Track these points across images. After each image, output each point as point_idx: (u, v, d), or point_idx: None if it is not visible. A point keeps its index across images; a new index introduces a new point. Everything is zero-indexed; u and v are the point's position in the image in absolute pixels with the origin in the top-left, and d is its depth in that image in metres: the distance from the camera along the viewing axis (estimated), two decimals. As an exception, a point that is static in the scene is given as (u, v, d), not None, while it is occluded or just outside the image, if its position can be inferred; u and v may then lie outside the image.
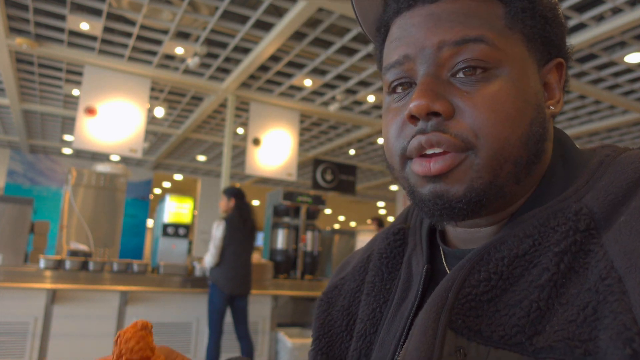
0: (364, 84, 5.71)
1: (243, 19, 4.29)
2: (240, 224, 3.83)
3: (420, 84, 0.46)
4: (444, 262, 0.54)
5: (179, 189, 13.00)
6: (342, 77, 5.54)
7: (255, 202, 14.43)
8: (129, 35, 4.68)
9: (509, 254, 0.43)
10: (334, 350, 0.59)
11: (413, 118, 0.47)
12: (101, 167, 5.51)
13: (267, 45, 4.50)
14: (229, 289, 3.68)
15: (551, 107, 0.49)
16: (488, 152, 0.45)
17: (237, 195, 3.96)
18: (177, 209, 5.98)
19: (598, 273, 0.38)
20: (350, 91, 5.94)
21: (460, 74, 0.46)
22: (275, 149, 6.08)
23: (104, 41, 4.81)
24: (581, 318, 0.36)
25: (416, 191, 0.49)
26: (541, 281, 0.40)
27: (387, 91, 0.53)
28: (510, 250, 0.43)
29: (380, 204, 15.67)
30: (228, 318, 3.88)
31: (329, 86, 5.82)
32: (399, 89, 0.51)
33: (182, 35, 4.70)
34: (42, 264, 3.61)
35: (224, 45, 4.80)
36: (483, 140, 0.45)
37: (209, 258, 3.80)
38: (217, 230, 3.83)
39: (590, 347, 0.35)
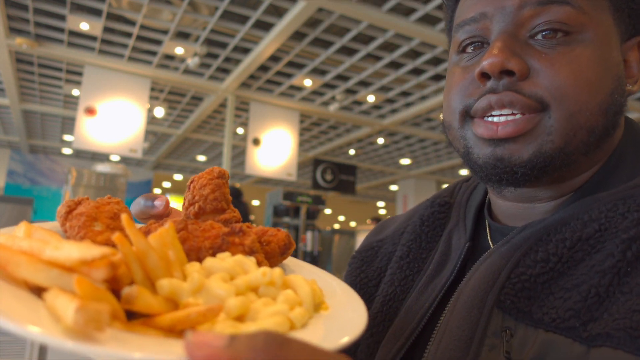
0: (364, 84, 5.71)
1: (243, 19, 4.29)
2: None
3: (496, 41, 0.45)
4: (489, 238, 0.53)
5: (179, 189, 12.99)
6: (342, 77, 5.54)
7: (255, 202, 14.44)
8: (129, 35, 4.68)
9: (571, 236, 0.42)
10: None
11: (484, 76, 0.45)
12: (101, 167, 5.51)
13: (267, 45, 4.50)
14: None
15: (629, 85, 0.48)
16: (564, 113, 0.43)
17: (234, 194, 3.96)
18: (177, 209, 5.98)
19: None
20: (350, 91, 5.94)
21: (540, 36, 0.44)
22: (275, 149, 6.08)
23: (103, 41, 4.81)
24: None
25: (472, 153, 0.48)
26: (604, 267, 0.39)
27: (456, 50, 0.51)
28: (574, 233, 0.42)
29: (380, 204, 15.68)
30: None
31: (329, 86, 5.82)
32: (470, 48, 0.49)
33: (182, 36, 4.70)
34: (42, 264, 3.62)
35: (224, 45, 4.81)
36: (560, 101, 0.43)
37: None
38: None
39: None
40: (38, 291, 0.34)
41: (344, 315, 0.39)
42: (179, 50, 4.89)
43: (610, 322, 0.36)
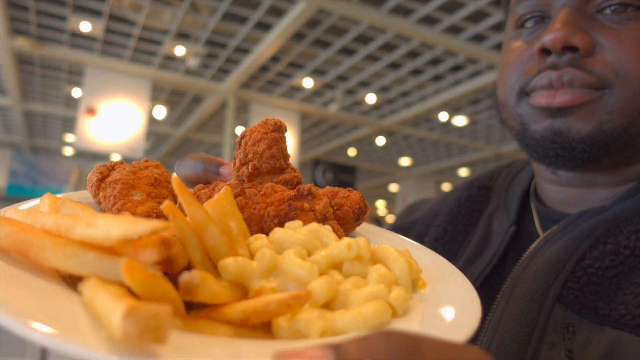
0: (363, 84, 5.73)
1: (243, 20, 4.31)
2: None
3: (561, 15, 0.42)
4: (537, 224, 0.50)
5: (179, 189, 13.00)
6: (341, 78, 5.56)
7: (256, 202, 14.46)
8: (129, 36, 4.71)
9: None
10: None
11: (544, 52, 0.43)
12: (102, 167, 5.53)
13: (267, 46, 4.52)
14: None
15: None
16: (629, 92, 0.40)
17: None
18: (177, 209, 6.00)
19: None
20: (350, 92, 5.96)
21: (609, 11, 0.42)
22: (275, 149, 6.10)
23: (105, 42, 4.84)
24: None
25: (529, 129, 0.45)
26: None
27: (515, 25, 0.49)
28: None
29: (381, 204, 15.68)
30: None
31: (329, 87, 5.84)
32: (529, 24, 0.47)
33: (183, 36, 4.72)
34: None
35: (224, 46, 4.83)
36: (625, 79, 0.40)
37: None
38: None
39: None
40: (72, 280, 0.26)
41: (450, 294, 0.32)
42: (179, 51, 4.91)
43: None
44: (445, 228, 0.56)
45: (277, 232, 0.32)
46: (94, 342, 0.20)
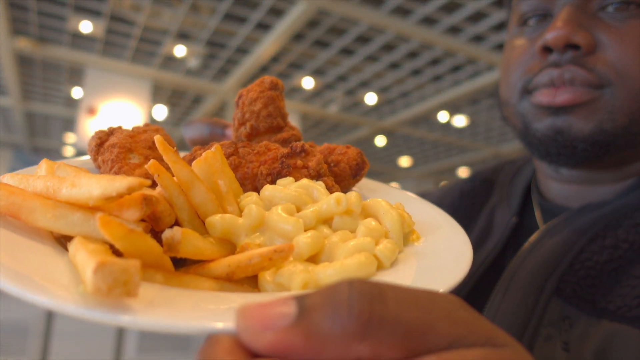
0: (363, 84, 5.74)
1: (244, 20, 4.32)
2: None
3: (562, 13, 0.42)
4: (538, 217, 0.50)
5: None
6: (341, 78, 5.57)
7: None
8: (130, 36, 4.72)
9: None
10: None
11: (546, 50, 0.43)
12: (103, 168, 5.54)
13: (268, 46, 4.53)
14: None
15: None
16: (629, 92, 0.40)
17: None
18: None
19: None
20: (350, 92, 5.97)
21: (611, 8, 0.42)
22: (275, 150, 6.11)
23: (105, 42, 4.85)
24: None
25: (531, 128, 0.45)
26: None
27: (517, 23, 0.49)
28: None
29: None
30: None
31: (329, 87, 5.85)
32: (532, 21, 0.47)
33: (183, 37, 4.73)
34: (44, 263, 3.64)
35: (224, 47, 4.84)
36: (625, 78, 0.40)
37: None
38: None
39: None
40: (66, 240, 0.27)
41: (442, 247, 0.31)
42: (180, 52, 4.92)
43: None
44: None
45: (267, 188, 0.32)
46: (66, 295, 0.20)
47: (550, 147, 0.43)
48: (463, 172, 9.83)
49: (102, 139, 0.38)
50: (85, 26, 4.41)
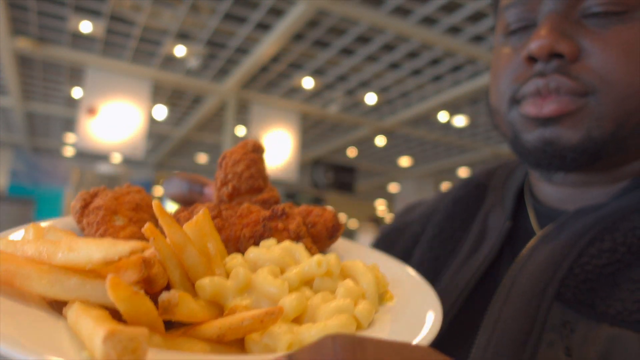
0: (363, 84, 5.74)
1: (244, 21, 4.32)
2: None
3: (545, 21, 0.42)
4: (533, 221, 0.50)
5: (180, 189, 13.02)
6: (341, 78, 5.57)
7: (256, 202, 14.45)
8: (130, 36, 4.72)
9: None
10: None
11: (531, 59, 0.43)
12: (103, 167, 5.55)
13: (268, 46, 4.53)
14: None
15: None
16: (614, 98, 0.40)
17: None
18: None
19: None
20: (350, 92, 5.97)
21: (593, 15, 0.42)
22: (275, 150, 6.11)
23: (105, 42, 4.85)
24: None
25: (521, 138, 0.45)
26: None
27: (504, 31, 0.49)
28: None
29: (380, 204, 15.70)
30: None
31: (329, 87, 5.85)
32: (517, 30, 0.47)
33: (184, 37, 4.74)
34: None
35: (224, 47, 4.84)
36: (609, 85, 0.40)
37: None
38: None
39: None
40: (58, 305, 0.27)
41: (414, 306, 0.33)
42: (180, 52, 4.93)
43: None
44: (442, 226, 0.56)
45: (251, 251, 0.34)
46: None
47: (540, 157, 0.44)
48: (463, 172, 9.84)
49: (87, 201, 0.39)
50: (85, 26, 4.42)
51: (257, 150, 0.39)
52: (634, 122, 0.41)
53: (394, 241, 0.62)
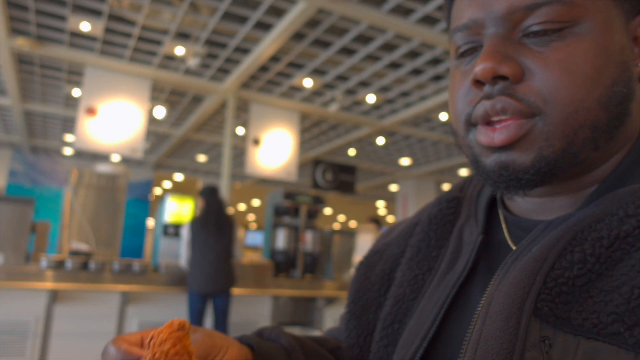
0: (363, 84, 5.72)
1: (243, 20, 4.31)
2: (202, 222, 3.80)
3: (487, 46, 0.43)
4: (506, 233, 0.50)
5: (179, 189, 13.02)
6: (341, 78, 5.56)
7: (256, 202, 14.44)
8: (129, 36, 4.70)
9: (608, 234, 0.38)
10: (368, 315, 0.57)
11: (478, 83, 0.44)
12: (102, 167, 5.53)
13: (268, 45, 4.51)
14: (197, 288, 3.67)
15: None
16: (558, 116, 0.41)
17: (205, 193, 3.95)
18: (177, 209, 5.99)
19: None
20: (350, 91, 5.96)
21: (533, 35, 0.42)
22: (275, 149, 6.09)
23: (104, 42, 4.83)
24: None
25: (480, 161, 0.46)
26: None
27: (455, 55, 0.50)
28: (610, 230, 0.38)
29: (380, 204, 15.69)
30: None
31: (329, 86, 5.84)
32: (467, 53, 0.48)
33: (183, 36, 4.72)
34: (43, 263, 3.63)
35: (224, 46, 4.82)
36: (553, 104, 0.41)
37: (181, 258, 3.94)
38: (184, 231, 3.92)
39: None
40: None
41: None
42: (179, 51, 4.91)
43: None
44: (419, 247, 0.56)
45: None
46: None
47: (498, 180, 0.44)
48: (463, 172, 9.83)
49: None
50: (84, 25, 4.40)
51: (182, 328, 0.43)
52: (582, 137, 0.41)
53: (374, 265, 0.61)
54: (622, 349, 0.33)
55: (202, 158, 9.99)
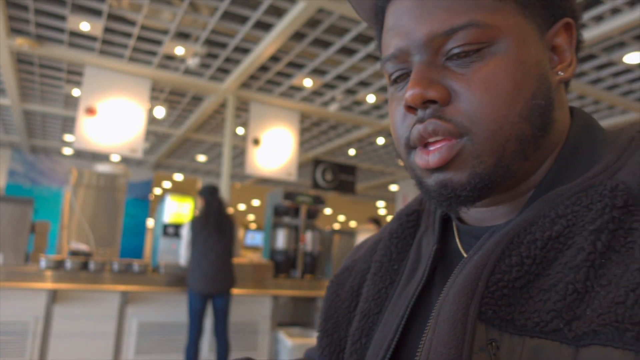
0: (363, 84, 5.72)
1: (243, 20, 4.30)
2: (203, 222, 3.78)
3: (414, 73, 0.45)
4: (458, 241, 0.52)
5: (179, 189, 13.01)
6: (342, 77, 5.55)
7: (256, 202, 14.43)
8: (129, 35, 4.69)
9: (541, 236, 0.40)
10: (339, 332, 0.58)
11: (410, 108, 0.46)
12: (102, 167, 5.52)
13: (267, 45, 4.51)
14: (198, 288, 3.65)
15: (560, 72, 0.46)
16: (485, 134, 0.43)
17: (205, 193, 3.94)
18: (177, 209, 5.99)
19: None
20: (350, 91, 5.95)
21: (455, 57, 0.45)
22: (275, 149, 6.09)
23: (104, 41, 4.83)
24: (631, 299, 0.33)
25: (423, 181, 0.48)
26: (576, 262, 0.37)
27: (389, 82, 0.52)
28: (543, 232, 0.41)
29: (380, 204, 15.68)
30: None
31: (329, 86, 5.83)
32: (399, 79, 0.50)
33: (183, 36, 4.71)
34: (42, 264, 3.62)
35: (224, 46, 4.82)
36: (478, 123, 0.43)
37: (180, 258, 3.92)
38: (184, 231, 3.90)
39: None
40: None
41: None
42: (179, 51, 4.90)
43: (594, 318, 0.34)
44: (382, 261, 0.57)
45: None
46: None
47: (440, 198, 0.46)
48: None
49: None
50: (84, 25, 4.39)
51: None
52: (510, 151, 0.44)
53: (343, 282, 0.63)
54: (563, 344, 0.35)
55: (201, 158, 9.99)
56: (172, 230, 5.79)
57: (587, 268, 0.37)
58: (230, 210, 4.16)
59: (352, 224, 16.41)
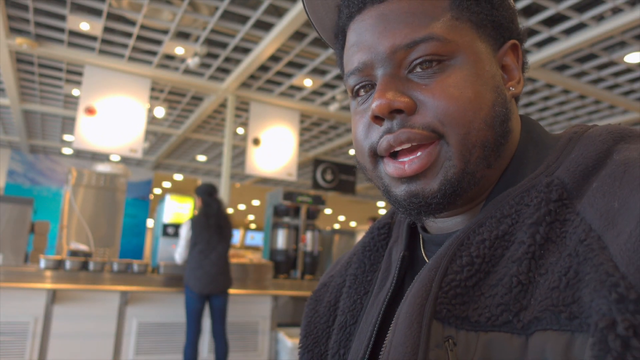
0: (364, 84, 5.71)
1: (243, 19, 4.29)
2: (204, 222, 3.77)
3: (380, 84, 0.47)
4: (422, 249, 0.54)
5: (179, 189, 13.00)
6: (342, 77, 5.54)
7: (255, 202, 14.43)
8: (129, 35, 4.69)
9: (489, 235, 0.43)
10: (320, 346, 0.59)
11: (377, 118, 0.48)
12: (101, 167, 5.51)
13: (267, 45, 4.50)
14: (198, 288, 3.63)
15: (511, 88, 0.50)
16: (456, 137, 0.45)
17: (203, 193, 3.93)
18: (177, 209, 5.98)
19: (577, 238, 0.36)
20: (350, 91, 5.94)
21: (418, 69, 0.47)
22: (275, 149, 6.08)
23: (104, 41, 4.82)
24: (563, 283, 0.35)
25: (391, 191, 0.50)
26: (518, 255, 0.39)
27: (351, 96, 0.54)
28: (490, 232, 0.43)
29: (381, 204, 15.68)
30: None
31: (329, 86, 5.83)
32: (362, 92, 0.52)
33: (182, 36, 4.70)
34: (42, 264, 3.62)
35: (224, 45, 4.81)
36: (449, 126, 0.45)
37: (177, 256, 3.89)
38: (183, 230, 3.88)
39: (575, 309, 0.33)
40: None
41: None
42: (179, 51, 4.90)
43: (536, 306, 0.36)
44: (356, 274, 0.59)
45: None
46: None
47: (409, 208, 0.48)
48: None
49: None
50: (84, 25, 4.38)
51: None
52: (475, 157, 0.45)
53: (321, 297, 0.65)
54: (514, 334, 0.37)
55: (201, 158, 9.98)
56: (172, 231, 5.79)
57: (528, 260, 0.39)
58: (228, 210, 4.15)
59: (352, 224, 16.40)
